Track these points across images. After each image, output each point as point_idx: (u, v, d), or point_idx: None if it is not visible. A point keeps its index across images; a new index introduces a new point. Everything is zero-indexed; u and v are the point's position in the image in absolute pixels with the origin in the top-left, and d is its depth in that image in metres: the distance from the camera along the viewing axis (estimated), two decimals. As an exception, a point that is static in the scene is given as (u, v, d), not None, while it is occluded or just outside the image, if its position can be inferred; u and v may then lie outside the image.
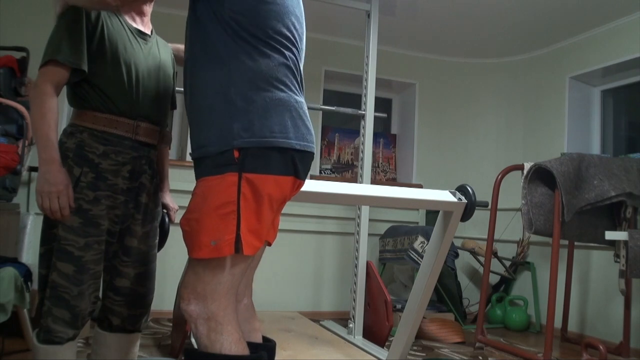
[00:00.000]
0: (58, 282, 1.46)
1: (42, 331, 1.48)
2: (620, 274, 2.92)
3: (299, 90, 1.33)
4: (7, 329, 2.46)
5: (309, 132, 1.30)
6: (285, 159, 1.24)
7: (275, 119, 1.23)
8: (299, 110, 1.29)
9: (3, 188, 2.76)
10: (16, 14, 3.59)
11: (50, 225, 1.49)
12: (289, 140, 1.24)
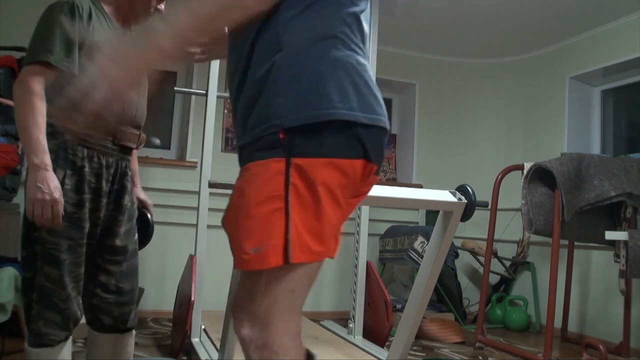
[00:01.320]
0: (46, 286, 1.45)
1: (32, 335, 1.47)
2: (620, 274, 2.92)
3: (362, 50, 1.01)
4: (7, 329, 2.46)
5: (378, 103, 0.98)
6: (347, 136, 0.92)
7: (332, 83, 0.93)
8: (363, 74, 0.97)
9: (3, 188, 2.76)
10: (16, 14, 3.59)
11: (32, 227, 1.45)
12: (353, 111, 0.92)
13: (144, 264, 3.67)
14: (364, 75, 0.98)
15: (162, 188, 3.71)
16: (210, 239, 2.87)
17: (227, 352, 2.03)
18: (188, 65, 4.15)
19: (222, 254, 3.43)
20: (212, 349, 2.55)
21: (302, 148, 0.91)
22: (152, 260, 3.66)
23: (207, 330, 2.88)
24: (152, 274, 3.67)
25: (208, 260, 2.84)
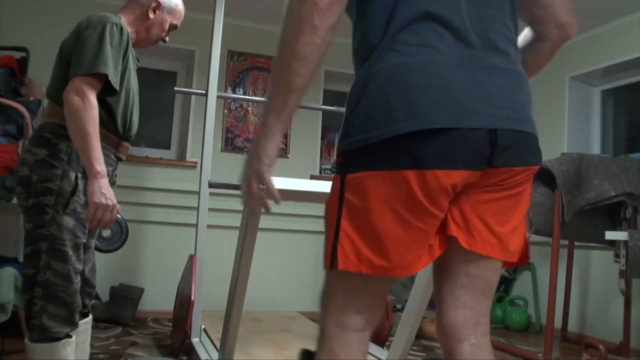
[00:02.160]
0: (53, 281, 1.49)
1: (36, 330, 1.49)
2: (620, 274, 2.92)
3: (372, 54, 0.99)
4: (7, 329, 2.46)
5: (425, 99, 0.90)
6: (392, 149, 0.91)
7: (377, 102, 0.93)
8: (409, 70, 0.92)
9: (3, 188, 2.76)
10: (16, 14, 3.59)
11: (38, 225, 1.51)
12: (393, 126, 0.90)
13: (144, 264, 3.68)
14: (423, 75, 0.92)
15: (162, 188, 3.71)
16: (210, 239, 2.87)
17: (227, 352, 2.03)
18: (188, 65, 4.16)
19: (222, 254, 3.44)
20: (212, 349, 2.55)
21: (353, 165, 0.97)
22: (152, 260, 3.67)
23: (207, 330, 2.88)
24: (152, 274, 3.67)
25: (208, 260, 2.84)
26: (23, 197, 1.55)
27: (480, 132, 0.91)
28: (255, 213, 1.18)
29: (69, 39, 1.61)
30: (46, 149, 1.54)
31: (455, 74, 0.92)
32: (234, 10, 3.65)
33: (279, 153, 1.14)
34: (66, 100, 1.47)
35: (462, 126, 0.90)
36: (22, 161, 1.57)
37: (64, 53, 1.62)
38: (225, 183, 2.03)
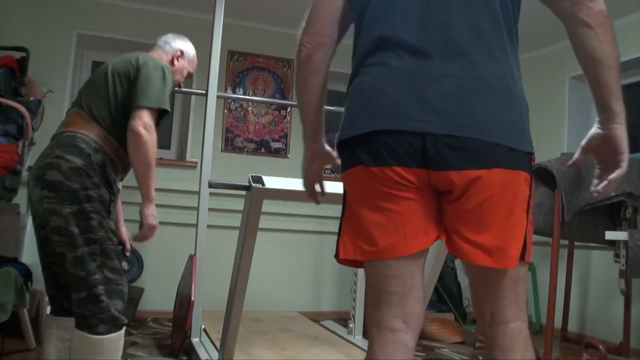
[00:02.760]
0: (111, 278, 1.64)
1: (105, 323, 1.61)
2: (620, 274, 2.92)
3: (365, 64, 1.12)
4: (7, 329, 2.46)
5: (369, 109, 1.06)
6: (347, 151, 1.10)
7: (345, 113, 1.12)
8: (362, 89, 1.09)
9: (3, 188, 2.76)
10: (16, 14, 3.59)
11: (85, 230, 1.61)
12: (342, 132, 1.10)
13: (144, 264, 3.68)
14: (364, 87, 1.09)
15: (162, 188, 3.69)
16: (210, 239, 2.87)
17: (227, 352, 2.03)
18: (188, 65, 4.15)
19: (222, 254, 3.44)
20: (212, 349, 2.55)
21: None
22: (152, 260, 3.66)
23: (207, 330, 2.88)
24: (152, 274, 3.67)
25: (208, 260, 2.84)
26: (53, 201, 1.60)
27: (408, 135, 1.00)
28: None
29: (125, 68, 1.76)
30: (81, 159, 1.63)
31: (397, 85, 1.03)
32: (234, 10, 3.65)
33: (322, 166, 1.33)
34: (135, 132, 1.67)
35: (391, 128, 1.01)
36: (51, 166, 1.62)
37: (117, 77, 1.75)
38: (225, 183, 2.02)
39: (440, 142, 0.99)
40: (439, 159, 1.00)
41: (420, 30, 1.03)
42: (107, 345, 1.63)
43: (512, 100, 1.05)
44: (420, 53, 1.03)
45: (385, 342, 1.06)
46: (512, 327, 1.11)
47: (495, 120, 1.01)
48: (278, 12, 3.91)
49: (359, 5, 1.16)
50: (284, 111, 4.20)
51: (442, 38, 1.02)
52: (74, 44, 3.71)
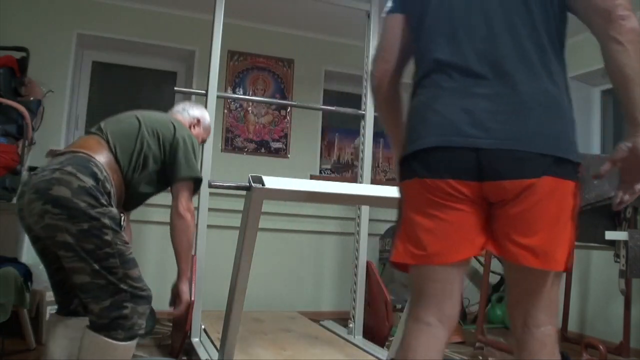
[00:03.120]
0: (135, 285, 1.68)
1: (124, 330, 1.65)
2: (620, 274, 2.92)
3: (423, 86, 1.25)
4: (7, 329, 2.46)
5: (425, 127, 1.18)
6: (406, 165, 1.23)
7: (406, 132, 1.26)
8: (419, 109, 1.23)
9: (3, 188, 2.76)
10: (16, 14, 3.59)
11: (100, 245, 1.62)
12: (404, 149, 1.24)
13: (144, 264, 3.67)
14: (420, 110, 1.23)
15: (162, 188, 3.71)
16: (210, 239, 2.87)
17: (227, 352, 2.03)
18: (188, 65, 4.16)
19: (222, 254, 3.44)
20: (212, 349, 2.55)
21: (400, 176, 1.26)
22: (152, 260, 3.66)
23: (207, 330, 2.88)
24: (152, 274, 3.66)
25: (208, 260, 2.84)
26: (59, 217, 1.58)
27: (462, 150, 1.11)
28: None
29: (166, 130, 1.92)
30: (93, 180, 1.64)
31: (450, 104, 1.15)
32: (234, 10, 3.65)
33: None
34: (182, 216, 1.95)
35: (446, 145, 1.12)
36: (60, 181, 1.60)
37: (154, 134, 1.89)
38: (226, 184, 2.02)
39: (492, 155, 1.10)
40: (492, 171, 1.10)
41: (469, 53, 1.16)
42: (121, 352, 1.65)
43: (557, 114, 1.14)
44: (470, 74, 1.15)
45: (420, 334, 1.18)
46: (543, 331, 1.17)
47: (540, 133, 1.10)
48: (278, 12, 3.90)
49: (415, 33, 1.30)
50: (284, 111, 4.20)
51: (489, 60, 1.14)
52: (74, 44, 3.71)
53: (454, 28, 1.19)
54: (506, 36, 1.15)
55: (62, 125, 3.65)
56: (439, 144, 1.13)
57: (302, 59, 4.24)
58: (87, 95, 3.96)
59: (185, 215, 1.94)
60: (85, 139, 1.85)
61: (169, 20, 3.92)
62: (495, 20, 1.16)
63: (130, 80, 4.11)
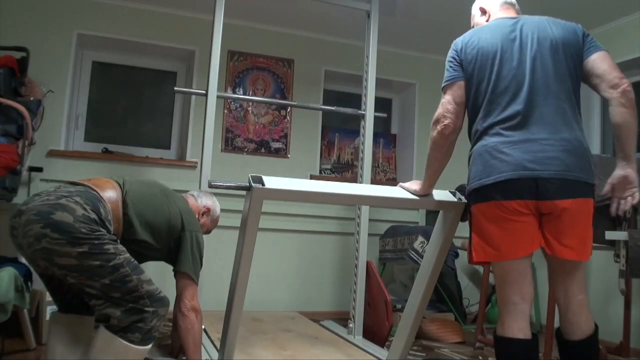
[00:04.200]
0: (151, 289, 1.74)
1: (140, 333, 1.68)
2: (620, 274, 2.92)
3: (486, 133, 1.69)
4: (7, 329, 2.46)
5: (500, 165, 1.63)
6: (483, 191, 1.66)
7: (475, 167, 1.70)
8: (491, 152, 1.67)
9: (3, 188, 2.76)
10: (16, 14, 3.59)
11: (107, 259, 1.64)
12: (479, 180, 1.67)
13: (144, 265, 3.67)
14: (483, 154, 1.68)
15: (162, 188, 3.70)
16: (210, 239, 2.87)
17: (227, 352, 2.03)
18: (188, 65, 4.16)
19: (222, 254, 3.44)
20: (212, 349, 2.55)
21: (473, 200, 1.73)
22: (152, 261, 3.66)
23: (207, 330, 2.88)
24: (152, 274, 3.66)
25: (208, 260, 2.84)
26: (56, 242, 1.58)
27: (526, 180, 1.60)
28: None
29: (176, 221, 2.00)
30: (98, 216, 1.68)
31: (514, 148, 1.62)
32: (234, 10, 3.65)
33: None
34: (187, 316, 2.06)
35: (514, 177, 1.60)
36: (65, 208, 1.61)
37: (169, 223, 1.98)
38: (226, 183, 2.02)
39: (547, 182, 1.59)
40: (547, 193, 1.59)
41: (523, 111, 1.64)
42: (134, 354, 1.66)
43: (585, 154, 1.66)
44: (525, 125, 1.63)
45: (510, 312, 1.66)
46: (579, 299, 1.78)
47: (576, 166, 1.62)
48: (278, 12, 3.90)
49: (477, 94, 1.73)
50: (284, 111, 4.20)
51: (539, 115, 1.63)
52: (74, 44, 3.71)
53: (510, 90, 1.66)
54: (550, 99, 1.64)
55: (62, 125, 3.65)
56: (510, 176, 1.60)
57: (302, 59, 4.25)
58: (87, 95, 3.96)
59: (190, 315, 2.05)
60: (103, 181, 1.87)
61: (169, 20, 3.92)
62: (541, 86, 1.65)
63: (130, 80, 4.11)
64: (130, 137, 4.04)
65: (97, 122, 4.00)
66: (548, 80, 1.66)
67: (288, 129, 4.19)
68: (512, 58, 1.69)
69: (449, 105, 1.76)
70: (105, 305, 1.65)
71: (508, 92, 1.66)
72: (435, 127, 1.75)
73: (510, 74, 1.67)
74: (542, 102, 1.64)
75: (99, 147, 3.85)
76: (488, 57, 1.71)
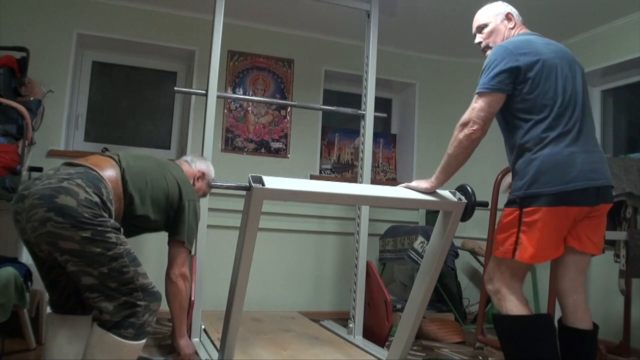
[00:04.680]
0: (146, 282, 1.73)
1: (133, 328, 1.66)
2: (620, 274, 2.93)
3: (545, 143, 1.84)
4: (7, 329, 2.46)
5: (568, 175, 1.78)
6: (553, 198, 1.78)
7: (536, 175, 1.81)
8: (559, 161, 1.81)
9: (3, 188, 2.76)
10: (16, 14, 3.59)
11: (108, 248, 1.64)
12: (554, 187, 1.78)
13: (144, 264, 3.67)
14: (543, 162, 1.83)
15: (162, 188, 3.70)
16: (210, 239, 2.87)
17: (227, 352, 2.03)
18: (188, 65, 4.16)
19: (222, 254, 3.44)
20: (212, 349, 2.55)
21: (526, 203, 1.84)
22: (152, 261, 3.66)
23: (207, 330, 2.88)
24: (152, 274, 3.66)
25: (208, 260, 2.84)
26: (61, 226, 1.59)
27: (592, 189, 1.80)
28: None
29: (174, 190, 2.04)
30: (100, 198, 1.69)
31: (581, 158, 1.80)
32: (234, 10, 3.65)
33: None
34: (175, 283, 2.12)
35: (586, 187, 1.78)
36: (67, 191, 1.62)
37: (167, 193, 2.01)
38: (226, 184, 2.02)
39: (605, 189, 1.84)
40: (603, 198, 1.83)
41: (579, 124, 1.84)
42: (128, 350, 1.66)
43: (606, 164, 1.90)
44: (580, 138, 1.84)
45: (516, 298, 1.87)
46: (582, 295, 1.99)
47: (609, 175, 1.87)
48: (278, 12, 3.90)
49: (538, 101, 1.85)
50: (284, 111, 4.20)
51: (586, 130, 1.86)
52: (74, 44, 3.71)
53: (571, 105, 1.86)
54: (587, 117, 1.89)
55: (62, 125, 3.65)
56: (584, 186, 1.78)
57: (302, 59, 4.25)
58: (87, 95, 3.96)
59: (177, 282, 2.09)
60: (101, 159, 1.87)
61: (169, 20, 3.92)
62: (584, 103, 1.89)
63: (130, 80, 4.11)
64: (130, 137, 4.04)
65: (97, 122, 4.00)
66: (585, 99, 1.90)
67: (288, 129, 4.19)
68: (566, 75, 1.88)
69: (482, 112, 1.83)
70: (99, 299, 1.64)
71: (570, 106, 1.84)
72: (462, 129, 1.83)
73: (569, 89, 1.86)
74: (585, 118, 1.87)
75: (99, 147, 3.85)
76: (552, 69, 1.85)
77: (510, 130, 1.92)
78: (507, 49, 1.86)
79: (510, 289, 1.88)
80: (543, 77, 1.84)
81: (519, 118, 1.86)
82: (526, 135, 1.85)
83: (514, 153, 1.91)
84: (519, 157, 1.87)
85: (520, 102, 1.85)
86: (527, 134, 1.84)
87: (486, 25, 2.11)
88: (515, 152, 1.90)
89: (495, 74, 1.83)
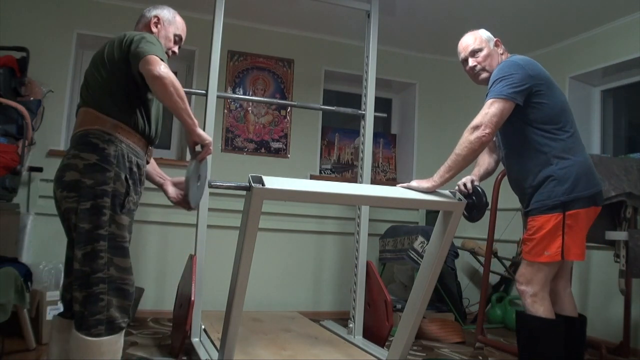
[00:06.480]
0: (117, 276, 1.64)
1: (102, 324, 1.61)
2: (620, 274, 2.92)
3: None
4: (7, 329, 2.46)
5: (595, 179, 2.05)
6: (592, 198, 2.01)
7: (585, 176, 2.03)
8: (589, 166, 2.07)
9: (3, 188, 2.76)
10: (16, 14, 3.59)
11: (97, 225, 1.61)
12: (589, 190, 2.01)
13: (144, 264, 3.68)
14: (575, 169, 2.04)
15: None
16: (210, 239, 2.87)
17: (227, 352, 2.03)
18: (188, 65, 4.16)
19: (222, 254, 3.44)
20: (212, 349, 2.55)
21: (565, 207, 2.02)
22: (152, 260, 3.67)
23: (207, 330, 2.88)
24: (152, 274, 3.68)
25: (208, 260, 2.84)
26: (73, 200, 1.63)
27: (601, 190, 2.06)
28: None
29: (111, 48, 1.75)
30: (96, 154, 1.65)
31: (591, 166, 2.06)
32: (234, 10, 3.65)
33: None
34: (156, 76, 1.58)
35: (601, 188, 2.06)
36: (69, 166, 1.66)
37: (106, 59, 1.74)
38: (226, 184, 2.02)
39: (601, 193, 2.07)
40: (601, 201, 2.07)
41: (577, 134, 2.09)
42: (106, 347, 1.63)
43: None
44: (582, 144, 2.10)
45: (548, 299, 2.03)
46: (570, 290, 2.20)
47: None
48: (278, 12, 3.90)
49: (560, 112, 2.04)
50: (284, 111, 4.20)
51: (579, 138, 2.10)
52: (74, 44, 3.71)
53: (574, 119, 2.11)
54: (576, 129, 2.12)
55: (62, 125, 3.65)
56: (600, 188, 2.04)
57: (302, 59, 4.25)
58: (87, 95, 3.95)
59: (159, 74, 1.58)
60: (78, 115, 1.83)
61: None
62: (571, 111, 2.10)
63: (130, 80, 4.11)
64: (130, 137, 4.04)
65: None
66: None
67: (288, 129, 4.19)
68: (559, 87, 2.09)
69: (495, 118, 1.90)
70: (74, 288, 1.63)
71: (570, 114, 2.06)
72: (474, 132, 1.90)
73: (565, 99, 2.09)
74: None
75: (99, 147, 3.85)
76: (553, 83, 2.05)
77: (528, 140, 2.03)
78: (519, 65, 1.97)
79: (546, 292, 2.02)
80: (551, 90, 2.00)
81: (539, 128, 2.00)
82: (553, 143, 1.99)
83: (533, 161, 2.03)
84: (548, 164, 1.99)
85: (536, 112, 1.98)
86: (553, 141, 1.99)
87: (480, 50, 2.18)
88: (538, 160, 2.01)
89: (512, 84, 1.92)
